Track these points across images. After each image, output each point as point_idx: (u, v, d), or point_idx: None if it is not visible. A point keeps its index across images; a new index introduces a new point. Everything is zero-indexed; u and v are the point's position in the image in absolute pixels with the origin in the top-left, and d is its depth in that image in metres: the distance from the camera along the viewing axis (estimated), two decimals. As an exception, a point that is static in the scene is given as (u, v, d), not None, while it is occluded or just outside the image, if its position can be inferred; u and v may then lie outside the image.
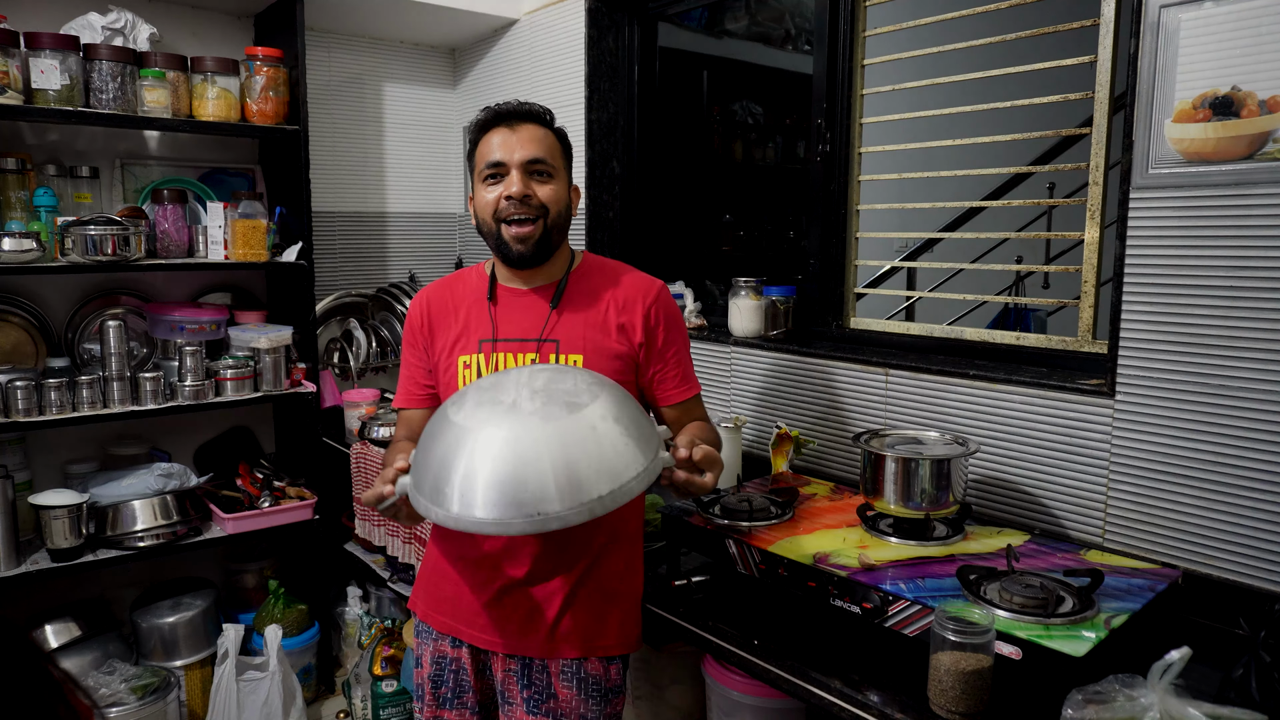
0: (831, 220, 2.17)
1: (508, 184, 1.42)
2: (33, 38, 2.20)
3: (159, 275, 2.72)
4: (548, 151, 1.45)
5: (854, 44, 2.10)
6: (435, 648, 1.52)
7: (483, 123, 1.48)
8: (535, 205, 1.43)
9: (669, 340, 1.50)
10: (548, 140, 1.46)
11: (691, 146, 3.17)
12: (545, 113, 1.50)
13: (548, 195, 1.44)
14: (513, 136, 1.43)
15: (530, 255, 1.44)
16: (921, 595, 1.29)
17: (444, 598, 1.50)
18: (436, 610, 1.51)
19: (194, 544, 2.46)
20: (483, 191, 1.46)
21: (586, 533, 1.41)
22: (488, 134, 1.46)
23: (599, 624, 1.44)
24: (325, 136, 3.04)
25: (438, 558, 1.53)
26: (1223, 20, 1.37)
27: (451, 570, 1.49)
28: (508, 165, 1.43)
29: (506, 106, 1.47)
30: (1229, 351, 1.40)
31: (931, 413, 1.84)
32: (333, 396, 2.85)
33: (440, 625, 1.51)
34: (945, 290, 3.58)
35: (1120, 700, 1.03)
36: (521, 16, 2.94)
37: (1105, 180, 1.67)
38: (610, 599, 1.46)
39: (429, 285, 1.60)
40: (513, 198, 1.42)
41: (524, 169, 1.43)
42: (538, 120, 1.47)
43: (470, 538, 1.43)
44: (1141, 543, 1.53)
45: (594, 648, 1.43)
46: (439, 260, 3.38)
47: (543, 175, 1.44)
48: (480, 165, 1.46)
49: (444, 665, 1.50)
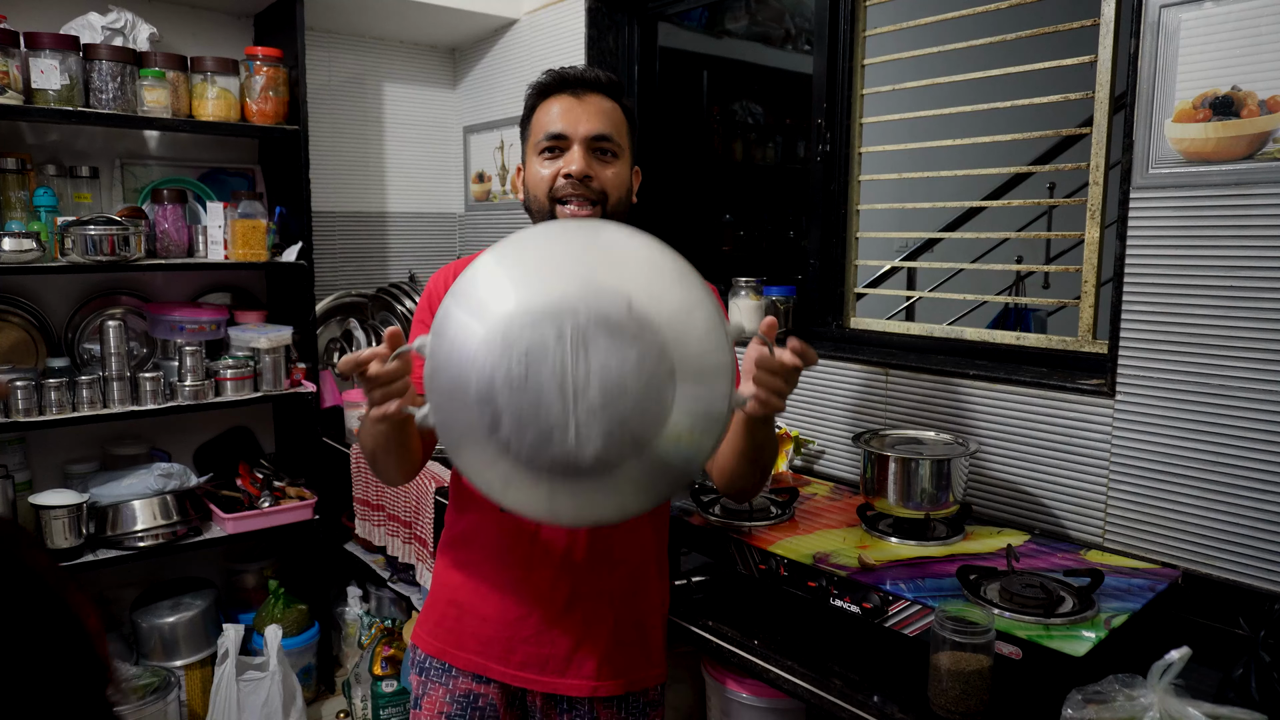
0: (831, 220, 2.17)
1: (568, 159, 1.28)
2: (33, 38, 2.20)
3: (159, 275, 2.72)
4: (615, 127, 1.31)
5: (854, 44, 2.09)
6: (455, 685, 1.38)
7: (544, 86, 1.32)
8: (596, 189, 1.29)
9: None
10: (615, 114, 1.32)
11: (691, 146, 3.17)
12: (615, 82, 1.33)
13: (611, 179, 1.31)
14: (578, 106, 1.29)
15: None
16: (921, 595, 1.29)
17: (467, 633, 1.36)
18: (458, 647, 1.37)
19: (194, 544, 2.47)
20: (537, 165, 1.31)
21: (624, 559, 1.35)
22: (548, 99, 1.31)
23: (641, 656, 1.38)
24: (325, 136, 3.04)
25: (459, 588, 1.39)
26: (1223, 20, 1.37)
27: (480, 603, 1.36)
28: (570, 139, 1.28)
29: (573, 71, 1.31)
30: (1229, 351, 1.40)
31: (931, 413, 1.84)
32: (333, 396, 2.85)
33: (465, 663, 1.36)
34: (945, 290, 3.58)
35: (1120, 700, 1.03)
36: (521, 16, 2.94)
37: (1105, 180, 1.67)
38: (646, 631, 1.39)
39: (451, 263, 1.45)
40: (573, 176, 1.27)
41: (587, 145, 1.28)
42: (606, 90, 1.32)
43: (503, 569, 1.33)
44: (1141, 543, 1.53)
45: (634, 681, 1.37)
46: (439, 260, 3.38)
47: (607, 154, 1.30)
48: (537, 135, 1.31)
49: (469, 703, 1.37)
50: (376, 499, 2.49)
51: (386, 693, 2.49)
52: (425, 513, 2.23)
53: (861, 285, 2.23)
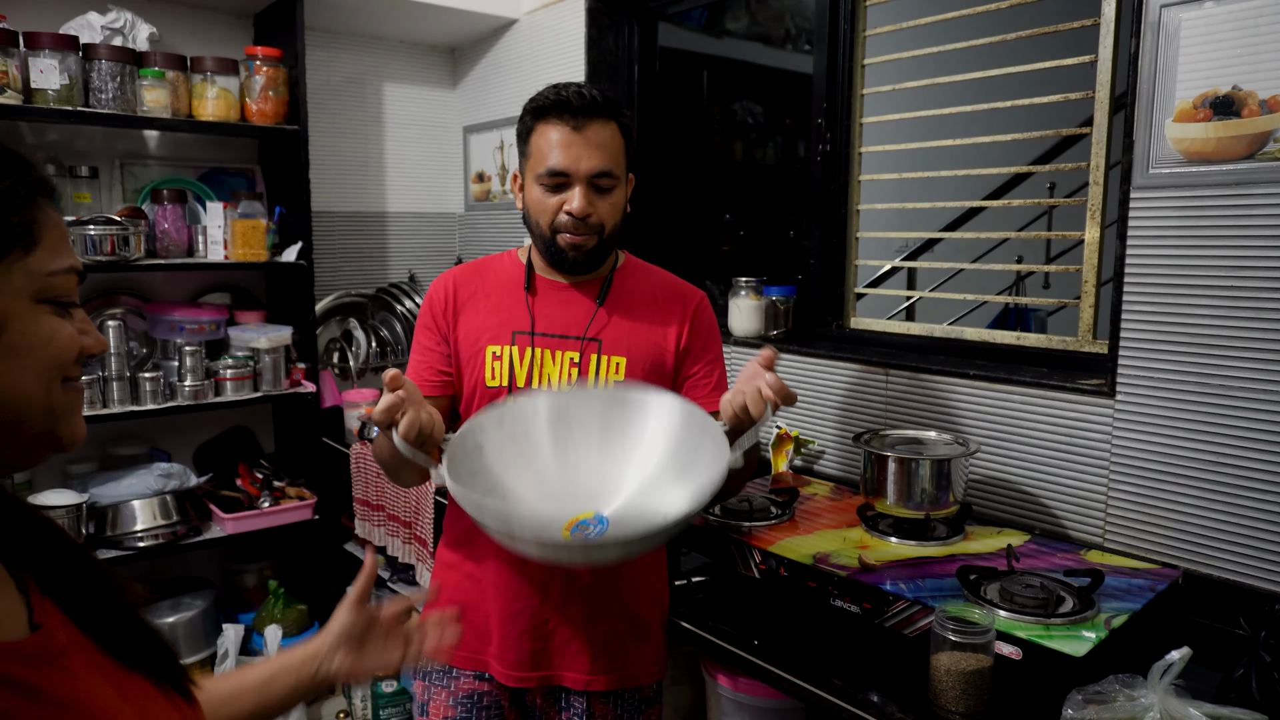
0: (831, 220, 2.17)
1: (569, 197, 1.30)
2: (32, 37, 2.20)
3: (159, 275, 2.71)
4: (614, 158, 1.32)
5: (854, 44, 2.09)
6: (458, 687, 1.40)
7: (541, 108, 1.31)
8: (595, 223, 1.32)
9: (705, 348, 1.43)
10: (615, 143, 1.32)
11: (691, 146, 3.17)
12: (612, 102, 1.32)
13: (608, 210, 1.33)
14: (579, 140, 1.29)
15: (584, 261, 1.35)
16: (921, 595, 1.29)
17: (468, 631, 1.37)
18: (458, 648, 1.34)
19: (194, 544, 2.46)
20: (539, 194, 1.33)
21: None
22: (546, 124, 1.31)
23: (638, 654, 1.40)
24: (325, 136, 3.03)
25: (458, 587, 1.41)
26: (1223, 20, 1.37)
27: (479, 601, 1.39)
28: (572, 178, 1.30)
29: (571, 95, 1.29)
30: (1229, 351, 1.40)
31: (931, 413, 1.84)
32: (332, 396, 2.85)
33: (464, 661, 1.39)
34: (945, 290, 3.58)
35: (1120, 700, 1.03)
36: (521, 16, 2.94)
37: (1105, 180, 1.67)
38: (643, 629, 1.41)
39: (452, 269, 1.47)
40: (573, 215, 1.30)
41: (588, 183, 1.30)
42: (605, 112, 1.31)
43: (502, 566, 1.36)
44: (1141, 543, 1.53)
45: (629, 678, 1.39)
46: (439, 260, 3.38)
47: (607, 189, 1.32)
48: (537, 164, 1.32)
49: (473, 703, 1.40)
50: (376, 499, 2.49)
51: (386, 693, 2.49)
52: (425, 513, 2.23)
53: (861, 285, 2.23)
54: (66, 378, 0.67)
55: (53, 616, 0.67)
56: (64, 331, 0.66)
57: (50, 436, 0.67)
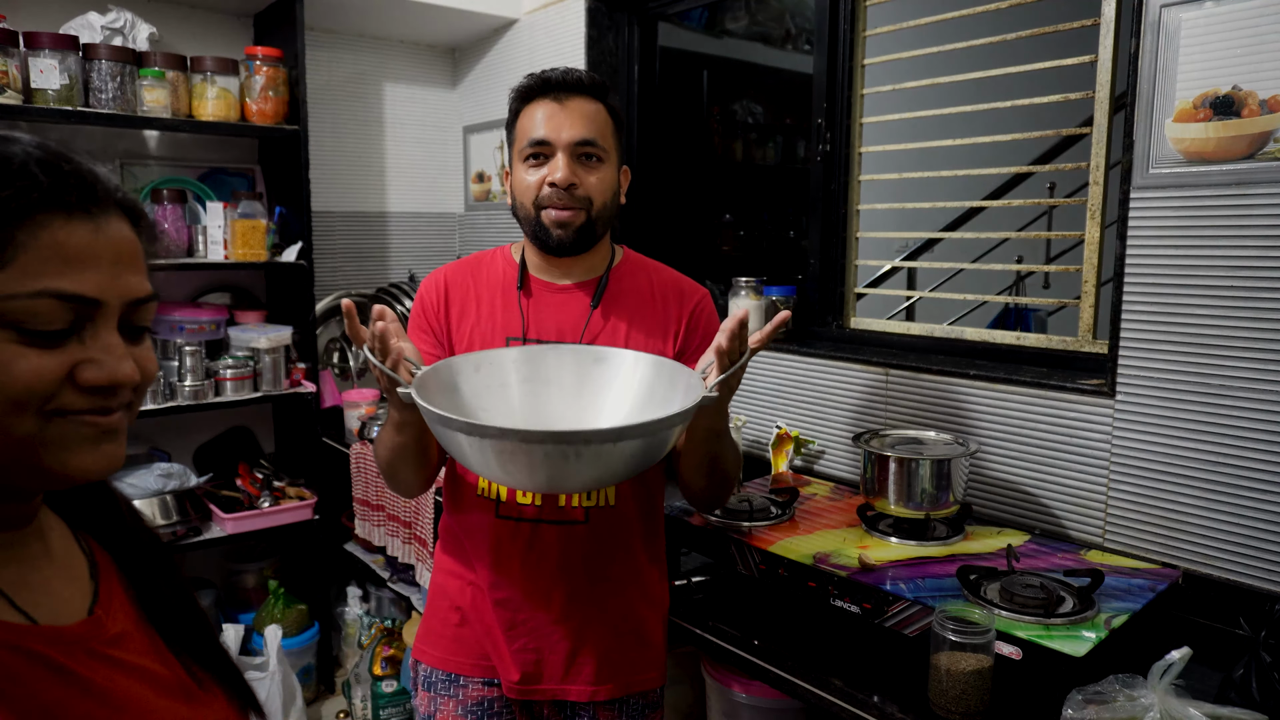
0: (831, 220, 2.17)
1: (552, 168, 1.28)
2: (32, 37, 2.20)
3: (158, 275, 2.65)
4: (599, 131, 1.30)
5: (854, 44, 2.09)
6: (466, 695, 1.38)
7: (526, 90, 1.31)
8: (581, 196, 1.29)
9: (703, 347, 1.36)
10: (599, 117, 1.30)
11: (691, 146, 3.17)
12: (598, 83, 1.32)
13: (595, 184, 1.30)
14: (560, 112, 1.28)
15: (571, 242, 1.30)
16: (921, 595, 1.29)
17: (471, 639, 1.37)
18: (463, 654, 1.37)
19: (194, 544, 2.46)
20: (523, 172, 1.31)
21: (619, 563, 1.36)
22: (531, 104, 1.31)
23: (640, 659, 1.39)
24: (325, 136, 3.04)
25: (459, 594, 1.39)
26: (1223, 20, 1.37)
27: (482, 609, 1.37)
28: (554, 146, 1.28)
29: (554, 74, 1.30)
30: (1229, 351, 1.40)
31: (931, 413, 1.84)
32: (332, 396, 2.85)
33: (472, 669, 1.37)
34: (945, 290, 3.58)
35: (1120, 700, 1.03)
36: (521, 16, 2.94)
37: (1105, 180, 1.67)
38: (645, 634, 1.39)
39: (443, 266, 1.43)
40: (557, 185, 1.27)
41: (571, 151, 1.28)
42: (589, 92, 1.31)
43: (506, 566, 1.33)
44: (1141, 543, 1.53)
45: (633, 684, 1.38)
46: (439, 260, 3.38)
47: (592, 159, 1.30)
48: (521, 141, 1.30)
49: (483, 710, 1.37)
50: (376, 499, 2.49)
51: (386, 693, 2.49)
52: (425, 513, 2.23)
53: (861, 285, 2.23)
54: (64, 409, 0.61)
55: (116, 602, 0.67)
56: (26, 363, 0.58)
57: (35, 470, 0.60)
